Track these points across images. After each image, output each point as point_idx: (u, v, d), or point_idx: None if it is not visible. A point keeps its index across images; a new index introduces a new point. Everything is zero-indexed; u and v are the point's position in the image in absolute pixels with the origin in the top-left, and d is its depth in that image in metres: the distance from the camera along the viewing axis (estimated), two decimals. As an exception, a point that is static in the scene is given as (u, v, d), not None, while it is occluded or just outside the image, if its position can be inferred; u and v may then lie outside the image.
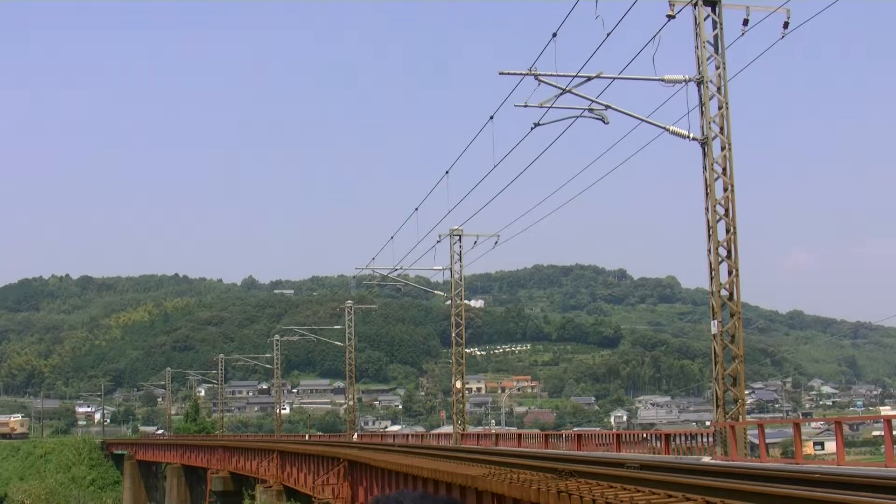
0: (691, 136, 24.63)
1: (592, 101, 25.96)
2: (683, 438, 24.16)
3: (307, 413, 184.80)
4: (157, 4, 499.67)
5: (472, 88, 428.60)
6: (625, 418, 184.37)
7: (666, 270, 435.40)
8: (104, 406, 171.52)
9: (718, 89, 24.64)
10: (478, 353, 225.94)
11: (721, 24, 24.61)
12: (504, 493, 19.59)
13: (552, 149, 29.45)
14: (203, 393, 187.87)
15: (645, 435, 28.49)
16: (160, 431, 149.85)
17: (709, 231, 24.24)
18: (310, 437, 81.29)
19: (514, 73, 25.79)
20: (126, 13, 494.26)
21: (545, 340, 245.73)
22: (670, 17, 23.46)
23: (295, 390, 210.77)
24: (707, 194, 24.22)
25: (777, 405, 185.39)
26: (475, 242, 50.04)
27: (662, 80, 24.84)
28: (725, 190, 24.36)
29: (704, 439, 23.25)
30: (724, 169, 24.41)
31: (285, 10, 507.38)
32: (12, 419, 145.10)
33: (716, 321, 23.97)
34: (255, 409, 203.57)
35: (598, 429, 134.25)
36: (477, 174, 33.31)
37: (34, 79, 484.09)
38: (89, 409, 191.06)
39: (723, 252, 24.24)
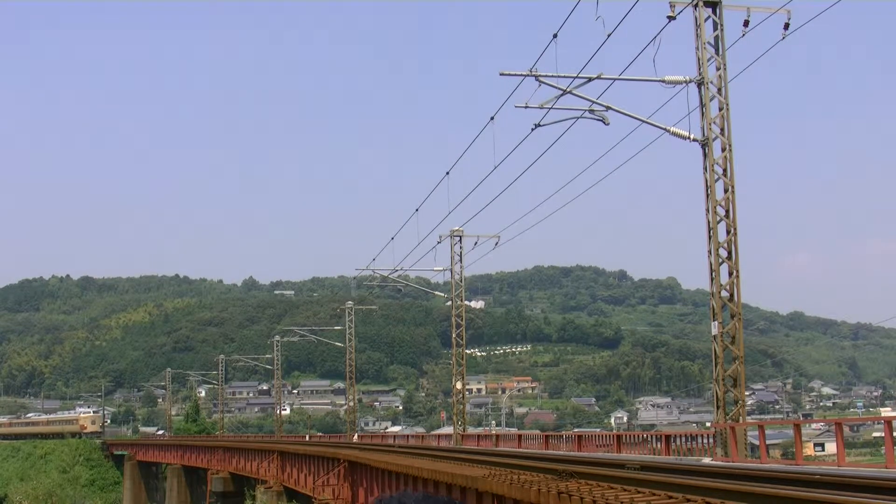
0: (692, 137, 24.65)
1: (593, 102, 25.97)
2: (684, 439, 24.16)
3: (307, 414, 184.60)
4: (157, 4, 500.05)
5: (473, 89, 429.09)
6: (625, 419, 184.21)
7: (666, 271, 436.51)
8: (104, 407, 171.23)
9: (719, 90, 24.65)
10: (478, 353, 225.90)
11: (721, 25, 24.63)
12: (504, 493, 19.59)
13: (553, 150, 29.53)
14: (203, 394, 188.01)
15: (645, 436, 28.50)
16: (160, 432, 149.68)
17: (709, 232, 24.25)
18: (310, 437, 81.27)
19: (515, 74, 25.79)
20: (126, 13, 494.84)
21: (545, 341, 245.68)
22: (671, 18, 23.47)
23: (295, 391, 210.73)
24: (707, 195, 24.23)
25: (777, 406, 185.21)
26: (475, 243, 50.06)
27: (663, 82, 24.85)
28: (726, 191, 24.37)
29: (705, 440, 23.25)
30: (725, 170, 24.43)
31: (286, 10, 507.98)
32: (82, 415, 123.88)
33: (716, 322, 23.97)
34: (256, 409, 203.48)
35: (598, 430, 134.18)
36: (478, 175, 33.37)
37: (34, 79, 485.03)
38: (89, 410, 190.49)
39: (723, 253, 24.25)
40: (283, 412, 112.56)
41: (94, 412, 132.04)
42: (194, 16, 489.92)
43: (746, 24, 23.96)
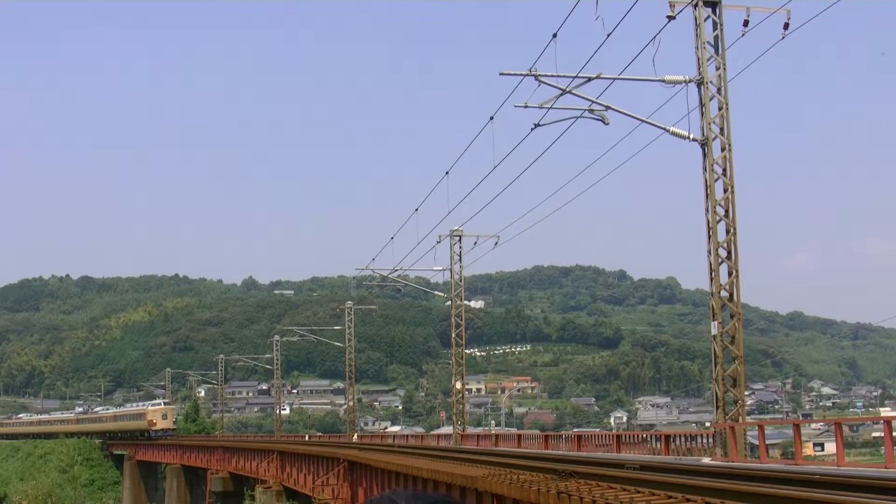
0: (691, 136, 24.64)
1: (593, 101, 25.96)
2: (683, 439, 24.15)
3: (307, 413, 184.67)
4: (157, 5, 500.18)
5: (473, 89, 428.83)
6: (624, 419, 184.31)
7: (666, 271, 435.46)
8: (104, 406, 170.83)
9: (718, 90, 24.65)
10: (478, 353, 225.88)
11: (721, 24, 24.63)
12: (504, 493, 19.59)
13: (552, 149, 29.48)
14: (203, 393, 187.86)
15: (645, 436, 28.50)
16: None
17: (709, 232, 24.25)
18: (309, 437, 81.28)
19: (515, 74, 25.79)
20: (126, 13, 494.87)
21: (545, 341, 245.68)
22: (670, 17, 23.47)
23: (295, 391, 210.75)
24: (707, 195, 24.23)
25: (777, 406, 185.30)
26: (475, 243, 50.08)
27: (663, 81, 24.85)
28: (725, 191, 24.37)
29: (704, 440, 23.25)
30: (725, 170, 24.43)
31: (286, 10, 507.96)
32: (150, 408, 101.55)
33: (716, 322, 23.97)
34: (255, 409, 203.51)
35: (597, 430, 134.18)
36: (477, 175, 33.35)
37: (34, 78, 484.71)
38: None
39: (723, 253, 24.25)
40: (282, 412, 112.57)
41: (164, 403, 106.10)
42: (195, 15, 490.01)
43: (746, 23, 23.98)
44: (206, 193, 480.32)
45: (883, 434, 17.86)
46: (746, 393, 28.33)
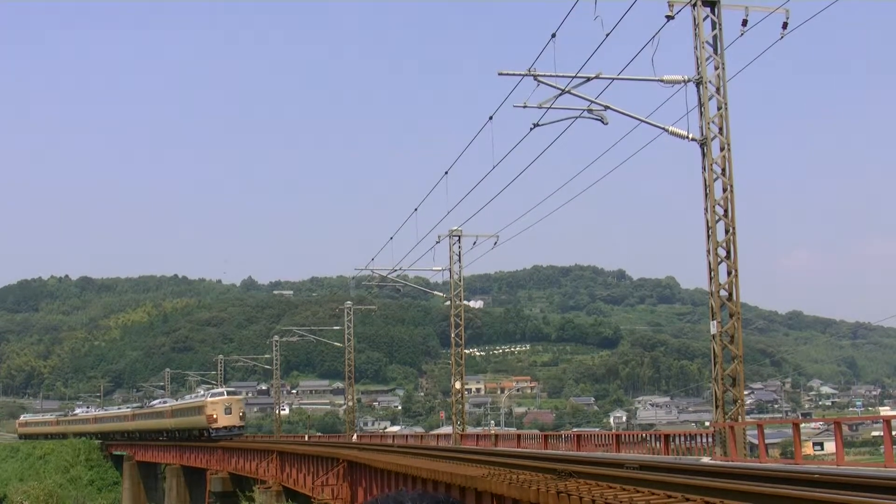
0: (690, 136, 24.65)
1: (592, 101, 25.96)
2: (683, 439, 24.17)
3: (306, 414, 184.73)
4: (157, 5, 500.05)
5: (472, 89, 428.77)
6: (624, 419, 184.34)
7: (665, 271, 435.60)
8: (104, 407, 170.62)
9: (717, 90, 24.65)
10: (477, 353, 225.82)
11: (720, 24, 24.64)
12: (503, 493, 19.58)
13: (551, 149, 29.46)
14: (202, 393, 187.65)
15: (644, 435, 28.51)
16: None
17: (708, 231, 24.25)
18: (309, 437, 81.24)
19: (514, 74, 25.78)
20: (126, 13, 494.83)
21: (544, 341, 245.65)
22: (669, 17, 23.48)
23: (294, 391, 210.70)
24: (706, 195, 24.24)
25: (776, 405, 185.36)
26: (474, 243, 50.07)
27: (661, 81, 24.85)
28: (725, 190, 24.38)
29: (704, 440, 23.27)
30: (724, 169, 24.44)
31: (285, 10, 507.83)
32: (209, 399, 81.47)
33: (715, 321, 23.97)
34: (255, 409, 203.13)
35: (597, 429, 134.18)
36: (476, 175, 33.34)
37: (33, 78, 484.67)
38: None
39: (722, 252, 24.25)
40: (282, 412, 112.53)
41: (227, 393, 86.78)
42: (195, 15, 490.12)
43: (745, 23, 23.99)
44: (205, 193, 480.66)
45: (882, 433, 17.87)
46: (746, 392, 28.35)
